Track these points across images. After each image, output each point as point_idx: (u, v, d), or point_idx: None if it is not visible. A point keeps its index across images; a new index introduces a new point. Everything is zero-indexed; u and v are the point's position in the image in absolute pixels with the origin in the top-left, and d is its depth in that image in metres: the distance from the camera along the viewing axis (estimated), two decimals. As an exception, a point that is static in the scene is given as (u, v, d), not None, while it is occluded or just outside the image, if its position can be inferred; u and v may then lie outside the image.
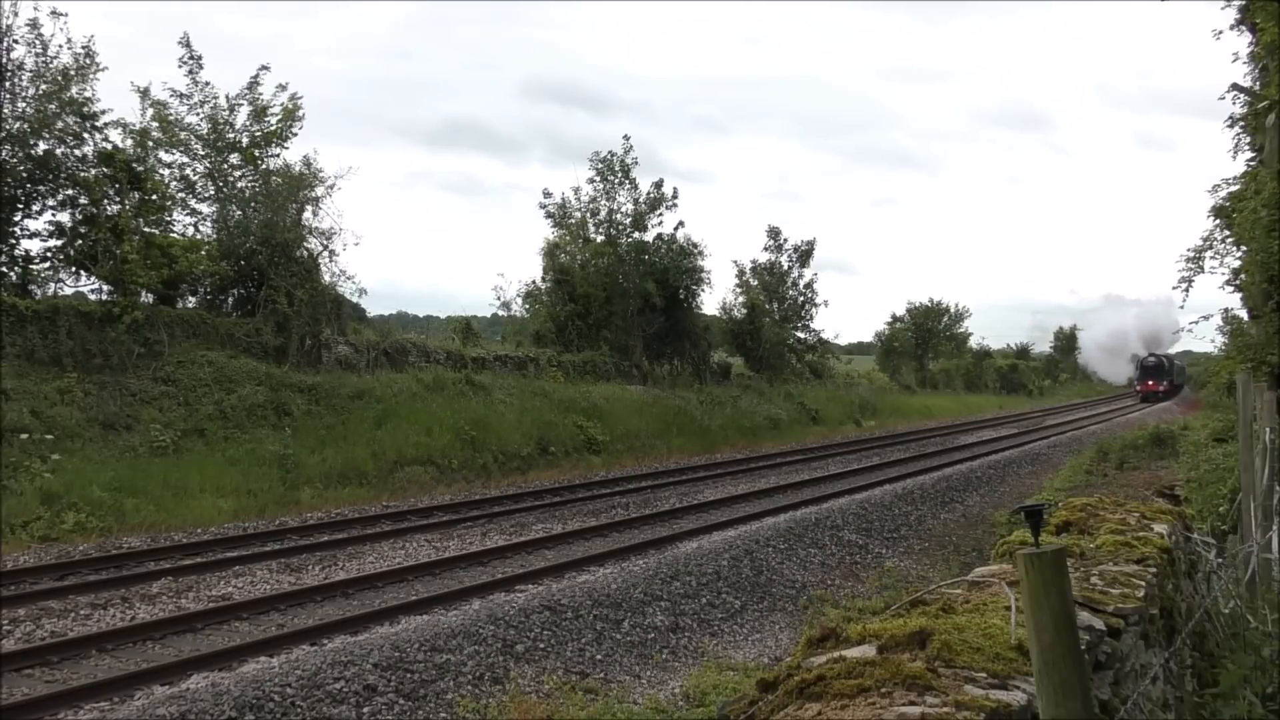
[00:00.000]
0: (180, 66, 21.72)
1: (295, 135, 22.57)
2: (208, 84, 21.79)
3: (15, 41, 17.57)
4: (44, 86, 17.91)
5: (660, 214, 33.15)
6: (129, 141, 19.89)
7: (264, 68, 22.33)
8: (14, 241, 18.06)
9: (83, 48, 18.36)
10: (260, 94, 22.26)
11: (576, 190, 32.84)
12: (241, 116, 22.15)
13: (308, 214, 22.45)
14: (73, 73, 18.15)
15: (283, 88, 22.55)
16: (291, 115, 22.43)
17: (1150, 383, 64.34)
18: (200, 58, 21.62)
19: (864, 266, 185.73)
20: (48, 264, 18.49)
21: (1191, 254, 11.35)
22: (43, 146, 18.05)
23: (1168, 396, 61.82)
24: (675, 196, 33.26)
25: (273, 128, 22.30)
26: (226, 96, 22.00)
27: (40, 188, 18.11)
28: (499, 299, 32.57)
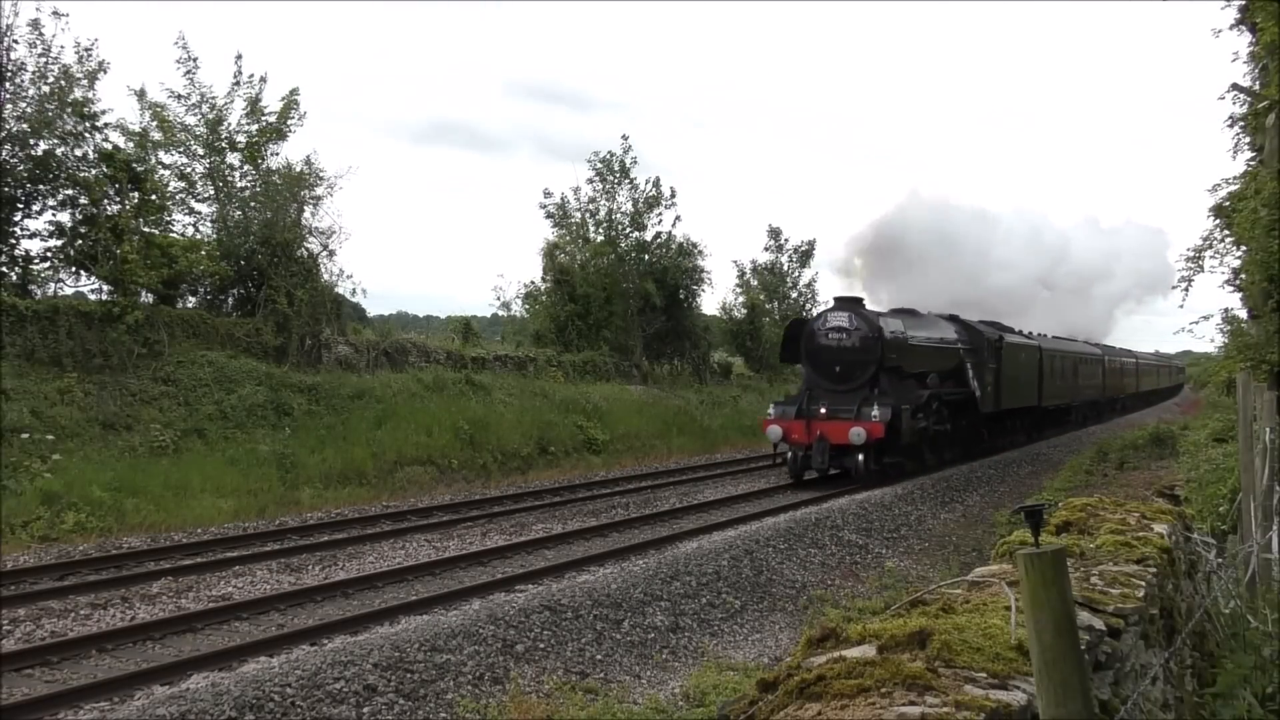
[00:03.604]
0: (178, 68, 21.74)
1: (294, 131, 22.56)
2: (204, 85, 21.81)
3: (15, 41, 17.58)
4: (45, 87, 17.91)
5: (659, 213, 33.25)
6: (130, 145, 19.87)
7: (238, 56, 22.11)
8: (14, 241, 18.06)
9: (85, 50, 18.39)
10: (255, 88, 22.17)
11: (576, 190, 32.95)
12: (236, 114, 22.09)
13: (308, 214, 22.47)
14: (75, 74, 18.14)
15: (294, 94, 22.55)
16: (289, 110, 22.37)
17: (817, 422, 18.16)
18: (196, 59, 21.65)
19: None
20: (48, 264, 18.48)
21: (1191, 254, 11.36)
22: (43, 146, 18.04)
23: (888, 467, 18.74)
24: (674, 196, 33.40)
25: (271, 123, 22.25)
26: (219, 96, 21.99)
27: (40, 188, 18.09)
28: (499, 299, 32.69)
